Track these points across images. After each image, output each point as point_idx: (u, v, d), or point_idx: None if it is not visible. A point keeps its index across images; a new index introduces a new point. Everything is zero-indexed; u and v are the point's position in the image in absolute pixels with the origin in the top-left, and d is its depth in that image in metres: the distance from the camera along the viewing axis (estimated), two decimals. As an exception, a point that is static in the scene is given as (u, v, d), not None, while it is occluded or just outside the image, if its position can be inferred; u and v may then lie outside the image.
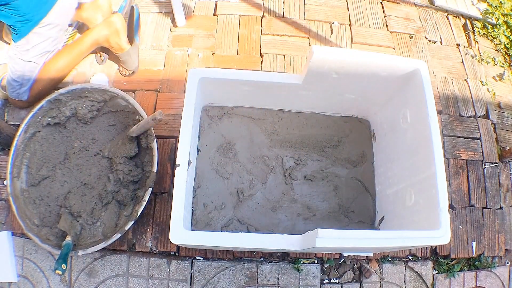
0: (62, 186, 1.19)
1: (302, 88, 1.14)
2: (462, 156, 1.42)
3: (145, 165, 1.19)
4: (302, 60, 1.51)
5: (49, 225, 1.13)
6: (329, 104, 1.27)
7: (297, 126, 1.30)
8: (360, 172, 1.28)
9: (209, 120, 1.26)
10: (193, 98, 1.02)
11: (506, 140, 1.51)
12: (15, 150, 1.14)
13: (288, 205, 1.20)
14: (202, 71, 1.06)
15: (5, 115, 1.37)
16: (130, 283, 1.17)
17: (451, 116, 1.49)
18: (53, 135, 1.22)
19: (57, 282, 1.17)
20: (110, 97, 1.21)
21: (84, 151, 1.24)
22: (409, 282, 1.25)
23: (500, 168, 1.44)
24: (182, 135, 0.98)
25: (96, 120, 1.26)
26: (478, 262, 1.31)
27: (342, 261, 1.24)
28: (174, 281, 1.17)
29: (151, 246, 1.21)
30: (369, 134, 1.34)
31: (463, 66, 1.61)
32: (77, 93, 1.19)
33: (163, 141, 1.32)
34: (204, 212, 1.16)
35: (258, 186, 1.21)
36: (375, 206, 1.24)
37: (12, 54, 1.24)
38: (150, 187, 1.08)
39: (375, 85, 1.12)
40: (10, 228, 1.23)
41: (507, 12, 1.74)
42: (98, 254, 1.19)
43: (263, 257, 1.23)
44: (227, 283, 1.17)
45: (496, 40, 1.70)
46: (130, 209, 1.12)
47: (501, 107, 1.57)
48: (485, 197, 1.39)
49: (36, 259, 1.20)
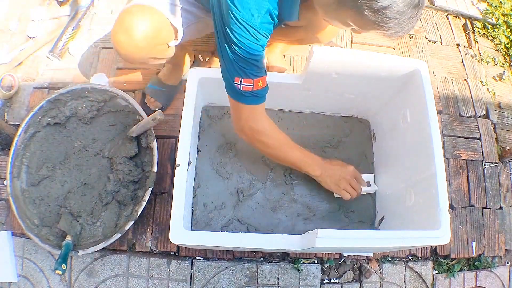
0: (62, 186, 1.19)
1: (302, 88, 1.14)
2: (462, 156, 1.42)
3: (145, 165, 1.19)
4: (302, 60, 1.51)
5: (49, 225, 1.13)
6: (329, 104, 1.27)
7: (297, 126, 1.30)
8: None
9: (209, 120, 1.26)
10: (193, 98, 1.02)
11: (506, 140, 1.51)
12: (15, 150, 1.14)
13: (288, 205, 1.20)
14: (202, 71, 1.06)
15: (5, 115, 1.37)
16: (130, 283, 1.17)
17: (451, 116, 1.49)
18: (53, 135, 1.22)
19: (57, 282, 1.17)
20: (110, 97, 1.21)
21: (84, 151, 1.24)
22: (409, 282, 1.25)
23: (500, 168, 1.44)
24: (182, 135, 0.98)
25: (96, 120, 1.26)
26: (478, 262, 1.31)
27: (342, 261, 1.24)
28: (174, 281, 1.17)
29: (151, 246, 1.21)
30: (369, 134, 1.33)
31: (463, 66, 1.61)
32: (77, 93, 1.19)
33: (163, 141, 1.32)
34: (204, 212, 1.16)
35: (258, 186, 1.21)
36: (375, 206, 1.24)
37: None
38: (150, 187, 1.08)
39: (375, 85, 1.12)
40: (10, 228, 1.23)
41: (507, 12, 1.74)
42: (98, 254, 1.19)
43: (263, 257, 1.23)
44: (227, 283, 1.17)
45: (496, 40, 1.70)
46: (130, 209, 1.12)
47: (501, 107, 1.57)
48: (485, 197, 1.39)
49: (36, 259, 1.20)
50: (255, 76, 0.86)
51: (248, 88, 0.87)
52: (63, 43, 1.44)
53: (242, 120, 0.97)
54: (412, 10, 0.69)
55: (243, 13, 0.76)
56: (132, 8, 0.95)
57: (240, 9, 0.75)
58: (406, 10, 0.68)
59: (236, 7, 0.75)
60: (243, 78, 0.85)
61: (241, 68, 0.83)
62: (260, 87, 0.88)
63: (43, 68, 1.45)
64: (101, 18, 1.55)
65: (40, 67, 1.45)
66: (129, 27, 0.92)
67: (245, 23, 0.77)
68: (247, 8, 0.76)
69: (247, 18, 0.77)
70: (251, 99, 0.90)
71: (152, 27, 0.94)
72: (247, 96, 0.89)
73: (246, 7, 0.76)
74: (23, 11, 1.58)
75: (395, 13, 0.68)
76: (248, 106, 0.92)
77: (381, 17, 0.69)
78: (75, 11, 1.49)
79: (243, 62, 0.83)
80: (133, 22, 0.92)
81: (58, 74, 1.44)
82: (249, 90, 0.87)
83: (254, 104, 0.92)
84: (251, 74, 0.85)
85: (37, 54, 1.48)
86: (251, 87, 0.87)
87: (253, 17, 0.77)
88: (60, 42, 1.43)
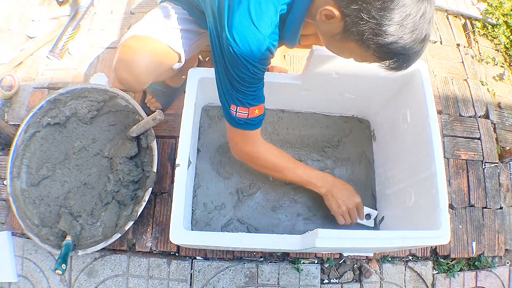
0: (62, 186, 1.19)
1: (302, 88, 1.14)
2: (462, 156, 1.42)
3: (145, 165, 1.19)
4: (302, 60, 1.51)
5: (49, 225, 1.13)
6: (329, 104, 1.27)
7: (297, 126, 1.30)
8: (360, 172, 1.28)
9: (209, 120, 1.26)
10: (193, 98, 1.02)
11: (506, 140, 1.51)
12: (15, 150, 1.14)
13: (288, 205, 1.20)
14: (202, 71, 1.06)
15: (5, 115, 1.37)
16: (130, 283, 1.17)
17: (451, 116, 1.49)
18: (53, 135, 1.22)
19: (57, 282, 1.17)
20: (110, 97, 1.21)
21: (84, 151, 1.24)
22: (409, 282, 1.25)
23: (500, 168, 1.44)
24: (182, 135, 0.98)
25: (96, 120, 1.26)
26: (478, 262, 1.31)
27: (342, 261, 1.24)
28: (174, 281, 1.17)
29: (151, 246, 1.21)
30: (369, 134, 1.33)
31: (463, 66, 1.61)
32: (77, 93, 1.19)
33: (163, 141, 1.32)
34: (204, 212, 1.16)
35: (258, 186, 1.21)
36: (375, 206, 1.24)
37: None
38: (150, 187, 1.08)
39: (375, 85, 1.12)
40: (10, 228, 1.23)
41: (507, 12, 1.74)
42: (98, 254, 1.19)
43: (263, 257, 1.23)
44: (227, 283, 1.17)
45: (496, 40, 1.70)
46: (130, 209, 1.12)
47: (501, 107, 1.57)
48: (485, 197, 1.39)
49: (36, 259, 1.20)
50: (250, 105, 0.85)
51: (243, 116, 0.86)
52: (63, 43, 1.44)
53: (238, 145, 0.97)
54: (418, 45, 0.67)
55: (242, 49, 0.74)
56: (131, 42, 0.94)
57: (240, 45, 0.73)
58: (412, 45, 0.66)
59: (236, 43, 0.73)
60: (239, 107, 0.84)
61: (237, 97, 0.83)
62: (256, 114, 0.87)
63: (43, 68, 1.45)
64: (101, 18, 1.55)
65: (40, 67, 1.45)
66: (131, 64, 0.92)
67: (244, 59, 0.75)
68: (246, 45, 0.74)
69: (246, 54, 0.75)
70: (245, 126, 0.89)
71: (153, 60, 0.93)
72: (241, 123, 0.88)
73: (246, 44, 0.73)
74: (23, 11, 1.58)
75: (401, 49, 0.66)
76: (242, 131, 0.91)
77: (387, 52, 0.67)
78: (75, 11, 1.49)
79: (239, 93, 0.82)
80: (134, 59, 0.92)
81: (58, 74, 1.44)
82: (244, 118, 0.86)
83: (248, 130, 0.91)
84: (247, 103, 0.84)
85: (37, 54, 1.48)
86: (246, 115, 0.86)
87: (253, 54, 0.75)
88: (60, 42, 1.43)
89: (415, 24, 0.64)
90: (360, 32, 0.66)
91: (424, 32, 0.66)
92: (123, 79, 0.96)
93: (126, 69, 0.94)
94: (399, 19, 0.63)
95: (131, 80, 0.96)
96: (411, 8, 0.63)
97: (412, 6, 0.63)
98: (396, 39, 0.65)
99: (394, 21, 0.63)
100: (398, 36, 0.64)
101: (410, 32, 0.64)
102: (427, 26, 0.66)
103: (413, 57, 0.69)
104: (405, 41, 0.65)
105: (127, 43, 0.94)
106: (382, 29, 0.64)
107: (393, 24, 0.63)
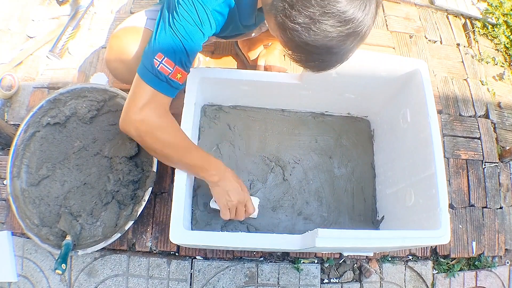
0: (62, 185, 1.19)
1: (302, 88, 1.14)
2: (462, 156, 1.42)
3: (145, 164, 1.19)
4: (302, 59, 1.51)
5: (49, 225, 1.13)
6: (329, 104, 1.27)
7: (296, 126, 1.30)
8: (360, 172, 1.28)
9: (209, 120, 1.26)
10: (193, 98, 1.02)
11: (506, 140, 1.51)
12: (15, 150, 1.14)
13: (288, 205, 1.20)
14: (202, 71, 1.06)
15: (5, 115, 1.37)
16: (130, 283, 1.17)
17: (451, 115, 1.49)
18: (53, 134, 1.22)
19: (57, 282, 1.18)
20: (110, 96, 1.21)
21: (84, 150, 1.24)
22: (409, 282, 1.25)
23: (500, 168, 1.44)
24: (182, 134, 0.97)
25: (96, 120, 1.26)
26: (478, 261, 1.31)
27: (342, 261, 1.24)
28: (174, 281, 1.17)
29: (151, 246, 1.21)
30: (369, 134, 1.34)
31: (463, 66, 1.61)
32: (77, 92, 1.19)
33: (163, 141, 1.31)
34: (204, 212, 1.15)
35: (258, 186, 1.21)
36: (375, 206, 1.24)
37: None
38: (150, 187, 1.08)
39: (375, 85, 1.12)
40: (10, 228, 1.23)
41: (507, 12, 1.74)
42: (98, 254, 1.19)
43: (263, 257, 1.23)
44: (227, 283, 1.17)
45: (496, 40, 1.70)
46: (130, 209, 1.12)
47: (501, 107, 1.57)
48: (485, 197, 1.39)
49: (36, 259, 1.20)
50: (180, 64, 0.77)
51: (165, 71, 0.76)
52: (63, 42, 1.44)
53: (138, 106, 0.80)
54: (323, 50, 0.63)
55: None
56: (119, 33, 0.94)
57: None
58: (317, 44, 0.62)
59: None
60: (167, 58, 0.75)
61: (171, 46, 0.74)
62: (177, 78, 0.78)
63: (43, 67, 1.45)
64: (101, 18, 1.55)
65: (40, 67, 1.45)
66: (120, 52, 0.91)
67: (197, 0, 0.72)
68: None
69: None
70: (162, 86, 0.78)
71: (142, 46, 0.90)
72: (159, 78, 0.77)
73: None
74: (23, 11, 1.58)
75: (303, 44, 0.62)
76: (156, 92, 0.78)
77: (291, 39, 0.64)
78: (75, 11, 1.49)
79: (176, 41, 0.75)
80: (122, 46, 0.91)
81: (58, 74, 1.44)
82: (165, 74, 0.76)
83: (162, 92, 0.79)
84: (178, 59, 0.76)
85: (37, 54, 1.48)
86: (169, 71, 0.76)
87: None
88: (60, 41, 1.43)
89: (328, 26, 0.59)
90: (275, 7, 0.64)
91: (330, 39, 0.61)
92: (114, 70, 0.95)
93: (117, 59, 0.92)
94: (314, 14, 0.59)
95: (123, 70, 0.93)
96: (338, 8, 0.58)
97: (349, 10, 0.58)
98: (300, 30, 0.60)
99: (307, 13, 0.59)
100: (305, 28, 0.60)
101: (317, 30, 0.60)
102: (335, 35, 0.61)
103: (316, 57, 0.65)
104: (309, 37, 0.61)
105: (116, 34, 0.94)
106: (292, 13, 0.60)
107: (303, 16, 0.59)
